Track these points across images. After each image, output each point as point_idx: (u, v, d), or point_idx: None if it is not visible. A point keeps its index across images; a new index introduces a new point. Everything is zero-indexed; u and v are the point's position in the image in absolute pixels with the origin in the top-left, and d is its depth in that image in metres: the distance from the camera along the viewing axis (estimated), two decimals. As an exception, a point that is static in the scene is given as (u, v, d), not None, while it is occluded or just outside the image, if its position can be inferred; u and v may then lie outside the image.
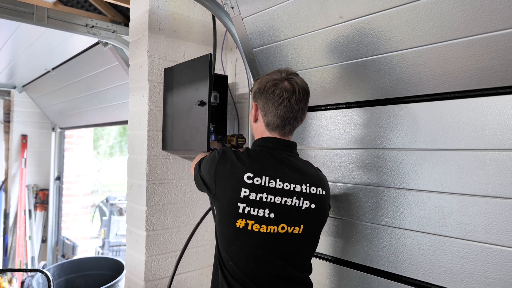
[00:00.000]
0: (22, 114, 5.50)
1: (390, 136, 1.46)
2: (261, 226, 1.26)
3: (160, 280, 2.02)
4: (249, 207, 1.26)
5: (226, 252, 1.32)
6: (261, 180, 1.27)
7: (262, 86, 1.36)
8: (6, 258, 5.42)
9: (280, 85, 1.32)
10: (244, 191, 1.26)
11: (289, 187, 1.29)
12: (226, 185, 1.29)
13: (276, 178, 1.29)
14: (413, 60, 1.31)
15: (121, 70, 3.08)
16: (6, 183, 5.57)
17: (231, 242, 1.30)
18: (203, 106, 1.75)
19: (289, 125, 1.36)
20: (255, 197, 1.26)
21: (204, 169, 1.40)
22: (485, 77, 1.19)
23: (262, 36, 1.71)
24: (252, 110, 1.43)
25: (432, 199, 1.33)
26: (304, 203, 1.31)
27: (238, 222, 1.26)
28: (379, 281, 1.49)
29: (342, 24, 1.41)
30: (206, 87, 1.74)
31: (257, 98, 1.39)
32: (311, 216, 1.33)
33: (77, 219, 5.62)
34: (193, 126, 1.82)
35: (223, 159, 1.33)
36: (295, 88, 1.32)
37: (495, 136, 1.20)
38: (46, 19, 2.26)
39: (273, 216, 1.27)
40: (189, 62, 1.91)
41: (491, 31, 1.11)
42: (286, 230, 1.29)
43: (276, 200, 1.27)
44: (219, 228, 1.35)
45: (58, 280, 3.65)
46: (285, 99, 1.31)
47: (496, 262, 1.19)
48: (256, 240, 1.27)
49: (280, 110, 1.32)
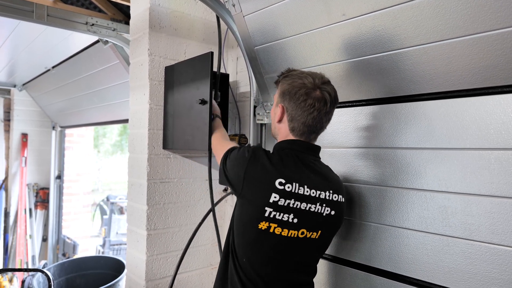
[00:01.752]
0: (22, 113, 5.48)
1: (393, 135, 1.45)
2: (283, 230, 1.26)
3: (161, 279, 2.01)
4: (276, 212, 1.25)
5: (242, 249, 1.31)
6: (292, 187, 1.26)
7: (293, 91, 1.32)
8: (7, 257, 5.41)
9: (312, 95, 1.29)
10: (274, 196, 1.24)
11: (315, 194, 1.29)
12: (256, 189, 1.27)
13: (305, 185, 1.28)
14: (417, 58, 1.29)
15: (121, 69, 3.06)
16: (7, 181, 5.56)
17: (250, 242, 1.30)
18: (205, 105, 1.74)
19: (314, 133, 1.37)
20: (283, 203, 1.25)
21: (232, 168, 1.35)
22: (490, 75, 1.18)
23: (263, 34, 1.70)
24: (278, 110, 1.38)
25: (436, 198, 1.32)
26: (326, 209, 1.31)
27: (261, 224, 1.26)
28: (382, 281, 1.48)
29: (345, 22, 1.39)
30: (207, 86, 1.72)
31: (285, 101, 1.35)
32: (329, 222, 1.33)
33: (77, 218, 5.61)
34: (194, 124, 1.81)
35: (254, 161, 1.30)
36: (327, 100, 1.30)
37: (500, 135, 1.18)
38: (46, 17, 2.25)
39: (296, 221, 1.27)
40: (190, 60, 1.90)
41: (497, 28, 1.10)
42: (305, 235, 1.29)
43: (302, 207, 1.27)
44: (238, 224, 1.33)
45: (59, 280, 3.65)
46: (315, 110, 1.29)
47: (501, 262, 1.18)
48: (275, 242, 1.27)
49: (309, 120, 1.31)
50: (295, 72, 1.37)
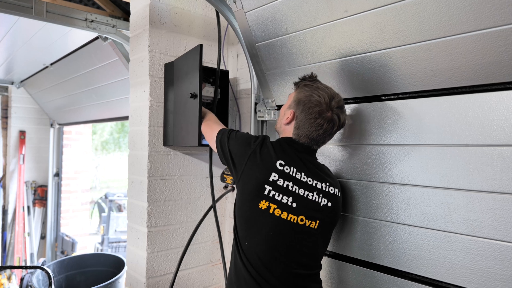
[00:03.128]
0: (20, 110, 5.45)
1: (396, 131, 1.45)
2: (282, 212, 1.33)
3: (161, 276, 2.01)
4: (275, 191, 1.33)
5: (243, 232, 1.37)
6: (290, 169, 1.36)
7: (308, 105, 1.39)
8: (5, 255, 5.40)
9: (324, 115, 1.37)
10: (273, 175, 1.34)
11: (311, 182, 1.38)
12: (258, 166, 1.36)
13: (302, 172, 1.38)
14: (420, 55, 1.29)
15: (120, 65, 3.05)
16: (5, 179, 5.54)
17: (250, 223, 1.36)
18: (195, 99, 1.72)
19: (315, 145, 1.46)
20: (282, 183, 1.33)
21: (238, 146, 1.44)
22: (493, 71, 1.18)
23: (265, 30, 1.69)
24: (289, 114, 1.45)
25: (438, 195, 1.32)
26: (323, 200, 1.38)
27: (261, 204, 1.33)
28: (384, 277, 1.48)
29: (348, 18, 1.39)
30: (197, 79, 1.72)
31: (298, 110, 1.42)
32: (326, 214, 1.40)
33: (76, 216, 5.60)
34: (188, 120, 1.79)
35: (263, 145, 1.40)
36: (335, 123, 1.40)
37: (503, 132, 1.18)
38: (45, 13, 2.23)
39: (295, 206, 1.34)
40: (184, 55, 1.89)
41: (500, 25, 1.09)
42: (304, 222, 1.35)
43: (300, 192, 1.35)
44: (240, 207, 1.40)
45: (59, 277, 3.64)
46: (322, 129, 1.39)
47: (503, 258, 1.18)
48: (275, 224, 1.32)
49: (314, 135, 1.40)
50: (316, 85, 1.43)
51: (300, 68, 1.69)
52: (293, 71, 1.73)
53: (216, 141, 1.54)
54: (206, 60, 2.21)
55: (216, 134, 1.56)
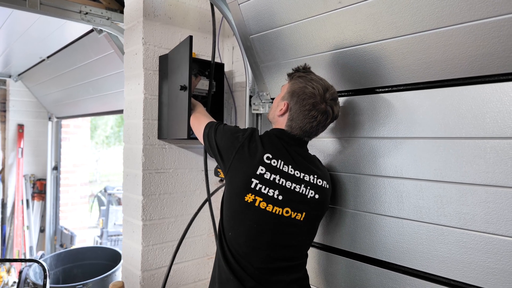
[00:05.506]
0: (18, 103, 5.44)
1: (389, 124, 1.44)
2: (267, 205, 1.33)
3: (157, 269, 2.01)
4: (261, 185, 1.33)
5: (228, 223, 1.38)
6: (277, 163, 1.36)
7: (302, 96, 1.38)
8: (4, 248, 5.42)
9: (318, 107, 1.37)
10: (260, 169, 1.34)
11: (299, 175, 1.38)
12: (245, 160, 1.36)
13: (289, 165, 1.38)
14: (413, 46, 1.27)
15: (116, 58, 3.02)
16: (3, 172, 5.54)
17: (236, 215, 1.36)
18: (185, 91, 1.71)
19: (307, 137, 1.46)
20: (269, 176, 1.33)
21: (226, 140, 1.43)
22: (486, 63, 1.16)
23: (259, 22, 1.68)
24: (282, 105, 1.44)
25: (431, 188, 1.32)
26: (310, 192, 1.38)
27: (247, 197, 1.33)
28: (377, 270, 1.48)
29: (341, 10, 1.37)
30: (187, 71, 1.70)
31: (292, 101, 1.41)
32: (313, 206, 1.40)
33: (75, 209, 5.61)
34: (179, 113, 1.79)
35: (251, 139, 1.40)
36: (329, 115, 1.40)
37: (496, 124, 1.17)
38: (38, 5, 2.21)
39: (281, 199, 1.34)
40: (176, 47, 1.87)
41: (494, 15, 1.08)
42: (289, 214, 1.35)
43: (287, 185, 1.35)
44: (227, 199, 1.41)
45: (56, 270, 3.65)
46: (315, 121, 1.38)
47: (495, 251, 1.17)
48: (260, 217, 1.33)
49: (307, 127, 1.40)
50: (310, 77, 1.41)
51: (294, 60, 1.68)
52: (287, 64, 1.71)
53: (204, 135, 1.54)
54: (201, 53, 2.20)
55: (204, 128, 1.55)
